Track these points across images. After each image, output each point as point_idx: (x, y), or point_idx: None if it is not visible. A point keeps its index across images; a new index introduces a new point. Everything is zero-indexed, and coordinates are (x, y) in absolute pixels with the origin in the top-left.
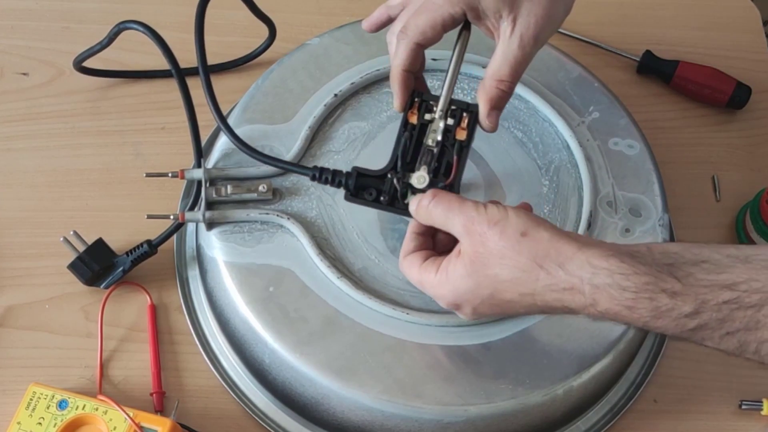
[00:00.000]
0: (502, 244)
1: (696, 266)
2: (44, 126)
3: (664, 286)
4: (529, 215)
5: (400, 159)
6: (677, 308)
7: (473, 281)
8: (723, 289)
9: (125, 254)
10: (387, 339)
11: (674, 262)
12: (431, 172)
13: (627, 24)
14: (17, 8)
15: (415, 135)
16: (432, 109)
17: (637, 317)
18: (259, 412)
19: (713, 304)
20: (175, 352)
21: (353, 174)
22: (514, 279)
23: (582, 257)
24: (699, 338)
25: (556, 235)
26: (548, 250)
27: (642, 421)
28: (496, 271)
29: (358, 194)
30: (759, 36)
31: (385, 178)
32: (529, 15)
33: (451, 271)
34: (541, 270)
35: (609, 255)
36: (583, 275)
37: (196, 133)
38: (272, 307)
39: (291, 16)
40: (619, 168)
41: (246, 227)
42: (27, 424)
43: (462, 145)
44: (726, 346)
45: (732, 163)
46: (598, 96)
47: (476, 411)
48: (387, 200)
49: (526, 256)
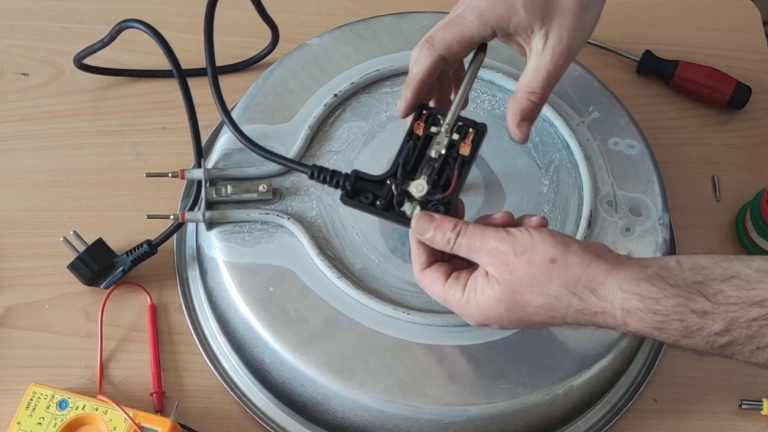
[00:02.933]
0: (532, 272)
1: (725, 282)
2: (44, 126)
3: (694, 307)
4: (556, 238)
5: (401, 167)
6: (707, 327)
7: (503, 307)
8: (753, 306)
9: (125, 254)
10: (387, 339)
11: (704, 279)
12: (430, 183)
13: (627, 24)
14: (17, 8)
15: (419, 145)
16: (439, 122)
17: (667, 337)
18: (259, 412)
19: (743, 321)
20: (175, 352)
21: (352, 176)
22: (546, 305)
23: (613, 282)
24: (729, 354)
25: (586, 258)
26: (579, 277)
27: (642, 421)
28: (527, 298)
29: (354, 197)
30: (759, 36)
31: (383, 183)
32: (561, 29)
33: (479, 292)
34: (573, 297)
35: (640, 279)
36: (615, 300)
37: (196, 133)
38: (272, 307)
39: (291, 16)
40: (619, 168)
41: (246, 227)
42: (27, 424)
43: (464, 161)
44: (756, 359)
45: (732, 163)
46: (598, 96)
47: (476, 411)
48: (383, 205)
49: (557, 284)
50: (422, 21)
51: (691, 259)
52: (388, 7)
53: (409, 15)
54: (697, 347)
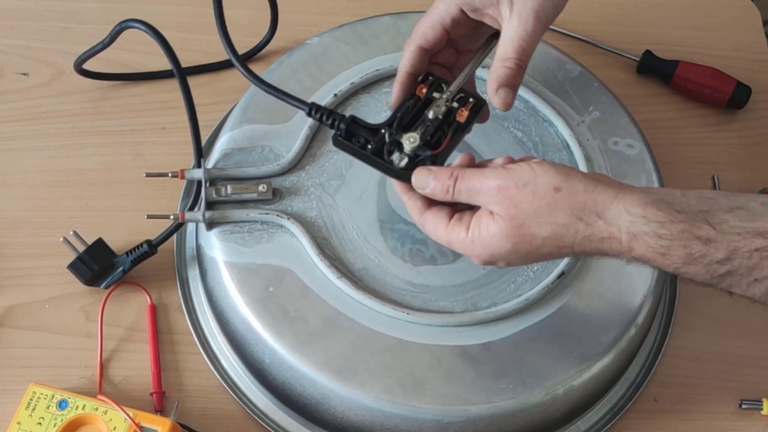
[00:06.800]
0: (536, 203)
1: (731, 213)
2: (44, 126)
3: (699, 233)
4: (557, 168)
5: (398, 119)
6: (710, 255)
7: (510, 243)
8: (756, 237)
9: (125, 254)
10: (387, 339)
11: (709, 208)
12: (423, 139)
13: (627, 24)
14: (17, 8)
15: (419, 105)
16: (441, 89)
17: (669, 263)
18: (259, 412)
19: (745, 251)
20: (175, 352)
21: (348, 119)
22: (554, 234)
23: (620, 206)
24: (727, 284)
25: (590, 183)
26: (585, 201)
27: (642, 421)
28: (534, 230)
29: (347, 137)
30: (759, 36)
31: (377, 132)
32: None
33: (483, 230)
34: (580, 222)
35: (646, 203)
36: (621, 224)
37: (196, 133)
38: (272, 307)
39: (291, 16)
40: (619, 168)
41: (246, 227)
42: (27, 424)
43: (459, 126)
44: (753, 292)
45: (732, 163)
46: (597, 96)
47: (476, 411)
48: (372, 150)
49: (563, 211)
50: None
51: (696, 191)
52: (387, 7)
53: (408, 15)
54: (697, 275)
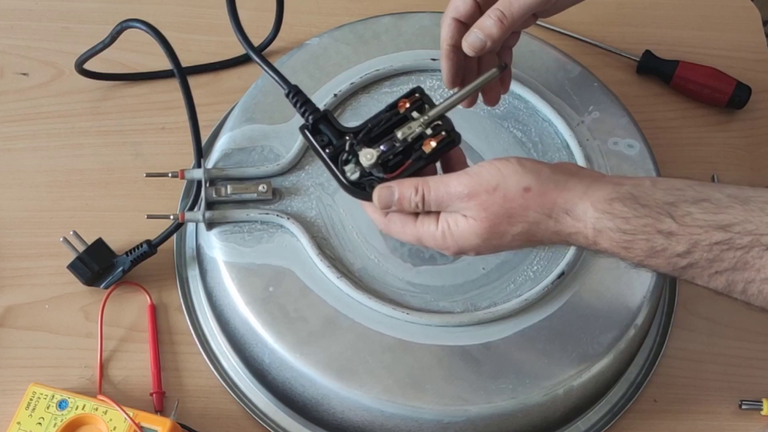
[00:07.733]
0: (507, 206)
1: (696, 205)
2: (44, 126)
3: (661, 227)
4: (525, 166)
5: (366, 130)
6: (671, 248)
7: (481, 239)
8: (717, 230)
9: (125, 254)
10: (387, 339)
11: (675, 200)
12: (380, 160)
13: (627, 24)
14: (17, 8)
15: (393, 121)
16: (423, 109)
17: (632, 256)
18: (259, 412)
19: (705, 245)
20: (175, 352)
21: (320, 113)
22: (524, 231)
23: (587, 203)
24: (689, 276)
25: (560, 181)
26: (555, 200)
27: (642, 421)
28: (505, 228)
29: (313, 133)
30: (759, 36)
31: (343, 136)
32: None
33: (453, 226)
34: (550, 219)
35: (612, 199)
36: (588, 220)
37: (196, 133)
38: (272, 307)
39: (291, 16)
40: (619, 168)
41: (246, 227)
42: (27, 424)
43: (421, 156)
44: (714, 285)
45: (732, 163)
46: (597, 96)
47: (476, 411)
48: (329, 154)
49: (534, 210)
50: (422, 21)
51: (668, 180)
52: (387, 7)
53: (408, 15)
54: (659, 267)
